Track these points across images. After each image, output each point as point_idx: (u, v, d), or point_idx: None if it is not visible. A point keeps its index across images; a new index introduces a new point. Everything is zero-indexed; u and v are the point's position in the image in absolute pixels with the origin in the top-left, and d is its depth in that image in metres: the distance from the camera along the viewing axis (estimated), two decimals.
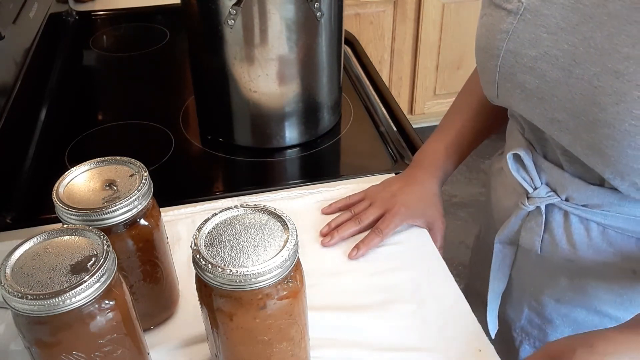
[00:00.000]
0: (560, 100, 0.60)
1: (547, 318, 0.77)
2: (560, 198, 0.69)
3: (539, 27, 0.60)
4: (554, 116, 0.62)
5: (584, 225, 0.69)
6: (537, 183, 0.71)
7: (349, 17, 2.32)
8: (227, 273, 0.50)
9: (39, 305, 0.47)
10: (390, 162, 0.96)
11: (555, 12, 0.59)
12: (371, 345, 0.66)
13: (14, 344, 0.66)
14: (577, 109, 0.58)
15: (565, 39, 0.58)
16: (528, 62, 0.62)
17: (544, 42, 0.60)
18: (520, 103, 0.65)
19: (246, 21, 0.86)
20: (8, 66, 1.00)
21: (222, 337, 0.55)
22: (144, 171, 0.62)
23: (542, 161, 0.70)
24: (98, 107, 1.16)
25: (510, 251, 0.78)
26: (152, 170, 0.63)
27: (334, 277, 0.74)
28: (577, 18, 0.57)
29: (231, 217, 0.56)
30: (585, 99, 0.57)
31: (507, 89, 0.66)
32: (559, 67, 0.59)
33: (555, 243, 0.71)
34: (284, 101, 0.95)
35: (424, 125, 2.55)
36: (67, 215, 0.57)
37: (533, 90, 0.62)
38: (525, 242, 0.75)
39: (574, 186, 0.67)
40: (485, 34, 0.66)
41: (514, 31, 0.62)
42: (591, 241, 0.68)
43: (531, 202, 0.71)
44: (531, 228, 0.73)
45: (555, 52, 0.59)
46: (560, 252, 0.71)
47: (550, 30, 0.59)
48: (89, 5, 1.48)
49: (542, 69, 0.60)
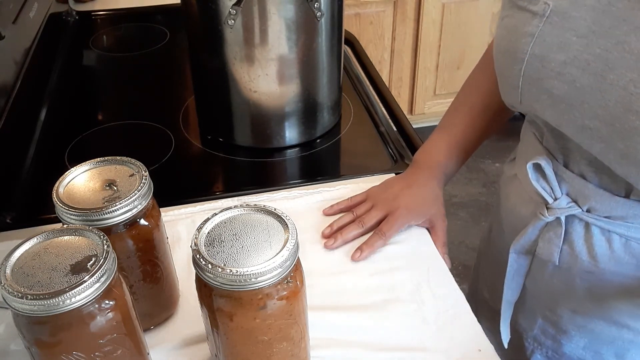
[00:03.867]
0: (592, 107, 0.57)
1: (562, 329, 0.75)
2: (581, 209, 0.67)
3: (567, 30, 0.57)
4: (584, 123, 0.59)
5: (605, 237, 0.67)
6: (558, 193, 0.69)
7: (349, 17, 2.32)
8: (227, 273, 0.50)
9: (39, 305, 0.47)
10: (390, 162, 0.96)
11: (585, 15, 0.56)
12: (371, 345, 0.66)
13: (14, 344, 0.66)
14: (611, 116, 0.56)
15: (597, 42, 0.55)
16: (556, 66, 0.59)
17: (574, 46, 0.57)
18: (547, 109, 0.63)
19: (246, 21, 0.86)
20: (8, 66, 1.00)
21: (222, 337, 0.55)
22: (144, 171, 0.62)
23: (564, 171, 0.68)
24: (98, 107, 1.16)
25: (525, 261, 0.76)
26: (152, 170, 0.63)
27: (334, 277, 0.74)
28: (610, 21, 0.54)
29: (231, 217, 0.56)
30: (621, 106, 0.55)
31: (532, 94, 0.63)
32: (590, 73, 0.56)
33: (574, 255, 0.69)
34: (284, 101, 0.95)
35: (424, 125, 2.55)
36: (67, 215, 0.57)
37: (561, 96, 0.60)
38: (543, 252, 0.73)
39: (598, 197, 0.65)
40: (508, 37, 0.64)
41: (539, 34, 0.60)
42: (613, 253, 0.66)
43: (551, 212, 0.69)
44: (550, 239, 0.71)
45: (586, 57, 0.56)
46: (580, 264, 0.69)
47: (580, 34, 0.57)
48: (89, 5, 1.48)
49: (572, 74, 0.58)
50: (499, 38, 0.66)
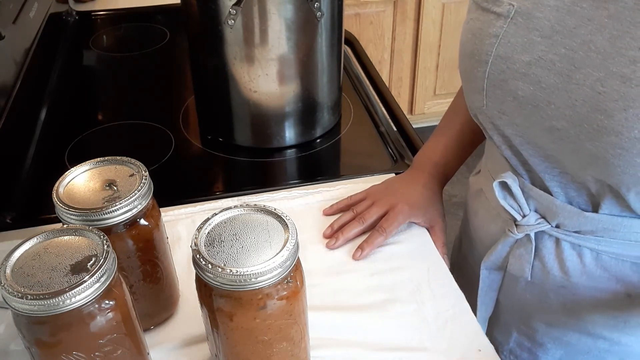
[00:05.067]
0: (559, 107, 0.57)
1: (537, 342, 0.75)
2: (550, 225, 0.67)
3: (531, 30, 0.57)
4: (551, 124, 0.58)
5: (576, 252, 0.67)
6: (526, 210, 0.68)
7: (349, 17, 2.32)
8: (227, 273, 0.50)
9: (39, 305, 0.47)
10: (390, 162, 0.96)
11: (549, 15, 0.56)
12: (371, 345, 0.66)
13: (14, 344, 0.66)
14: (579, 116, 0.55)
15: (561, 42, 0.55)
16: (520, 67, 0.59)
17: (538, 47, 0.57)
18: (513, 112, 0.62)
19: (246, 21, 0.86)
20: (8, 66, 1.00)
21: (222, 337, 0.55)
22: (144, 171, 0.62)
23: (530, 187, 0.67)
24: (98, 107, 1.16)
25: (497, 276, 0.76)
26: (152, 170, 0.63)
27: (334, 277, 0.74)
28: (574, 21, 0.54)
29: (231, 217, 0.56)
30: (588, 106, 0.54)
31: (496, 96, 0.62)
32: (556, 73, 0.56)
33: (546, 270, 0.69)
34: (284, 101, 0.95)
35: (424, 125, 2.55)
36: (67, 215, 0.57)
37: (527, 98, 0.59)
38: (514, 269, 0.72)
39: (566, 213, 0.64)
40: (472, 40, 0.63)
41: (504, 35, 0.59)
42: (585, 267, 0.66)
43: (520, 230, 0.69)
44: (520, 255, 0.71)
45: (551, 57, 0.56)
46: (552, 279, 0.69)
47: (544, 34, 0.56)
48: (89, 5, 1.48)
49: (537, 75, 0.58)
50: (463, 41, 0.66)
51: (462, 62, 0.67)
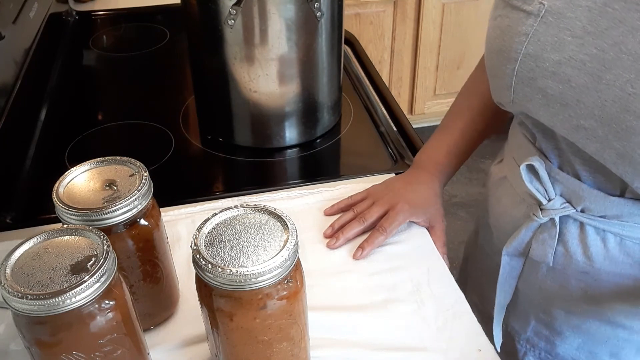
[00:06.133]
0: (588, 106, 0.57)
1: (556, 329, 0.75)
2: (575, 209, 0.67)
3: (562, 30, 0.57)
4: (579, 123, 0.59)
5: (600, 237, 0.67)
6: (552, 194, 0.69)
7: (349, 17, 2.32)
8: (227, 273, 0.50)
9: (39, 305, 0.47)
10: (390, 162, 0.96)
11: (580, 15, 0.56)
12: (371, 345, 0.66)
13: (14, 344, 0.66)
14: (608, 116, 0.56)
15: (592, 43, 0.55)
16: (550, 66, 0.59)
17: (569, 46, 0.57)
18: (540, 109, 0.62)
19: (246, 21, 0.86)
20: (8, 66, 1.00)
21: (222, 337, 0.55)
22: (144, 171, 0.62)
23: (557, 172, 0.68)
24: (98, 107, 1.16)
25: (517, 263, 0.76)
26: (152, 170, 0.63)
27: (334, 277, 0.74)
28: (606, 22, 0.54)
29: (231, 217, 0.56)
30: (617, 106, 0.55)
31: (525, 94, 0.63)
32: (586, 72, 0.56)
33: (569, 255, 0.69)
34: (284, 101, 0.95)
35: (424, 125, 2.55)
36: (67, 215, 0.57)
37: (556, 96, 0.60)
38: (537, 254, 0.72)
39: (592, 197, 0.65)
40: (501, 36, 0.63)
41: (534, 34, 0.59)
42: (608, 252, 0.67)
43: (545, 213, 0.69)
44: (543, 240, 0.71)
45: (581, 57, 0.56)
46: (575, 264, 0.69)
47: (575, 34, 0.57)
48: (89, 5, 1.48)
49: (567, 74, 0.58)
50: (491, 38, 0.66)
51: (489, 58, 0.67)
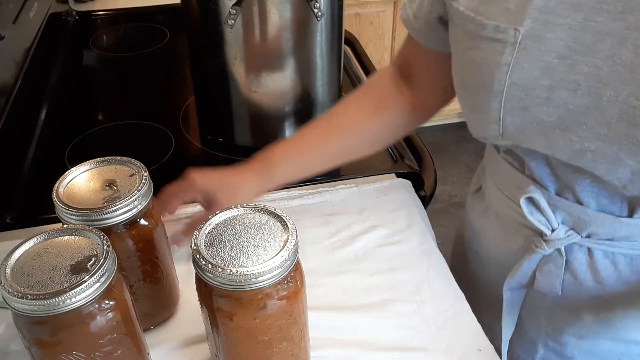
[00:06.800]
0: (591, 127, 0.54)
1: (566, 356, 0.72)
2: (580, 235, 0.64)
3: (546, 53, 0.54)
4: (584, 146, 0.55)
5: (610, 260, 0.64)
6: (555, 224, 0.65)
7: (349, 17, 2.32)
8: (227, 273, 0.50)
9: (39, 305, 0.47)
10: (390, 162, 0.95)
11: (561, 35, 0.52)
12: (371, 345, 0.66)
13: (14, 344, 0.66)
14: (616, 134, 0.52)
15: (582, 61, 0.52)
16: (542, 92, 0.55)
17: (557, 68, 0.54)
18: (536, 138, 0.59)
19: (246, 21, 0.86)
20: (8, 66, 1.00)
21: (222, 337, 0.55)
22: (144, 171, 0.62)
23: (557, 199, 0.64)
24: (98, 107, 1.16)
25: (520, 294, 0.73)
26: (152, 170, 0.63)
27: (334, 277, 0.74)
28: (592, 37, 0.51)
29: (231, 217, 0.56)
30: (625, 122, 0.51)
31: (516, 125, 0.59)
32: (583, 93, 0.53)
33: (578, 282, 0.67)
34: (284, 101, 0.95)
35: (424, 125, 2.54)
36: (67, 215, 0.57)
37: (553, 122, 0.56)
38: (542, 286, 0.69)
39: (599, 221, 0.62)
40: (478, 70, 0.58)
41: (516, 62, 0.55)
42: (619, 275, 0.64)
43: (550, 245, 0.66)
44: (549, 271, 0.68)
45: (574, 77, 0.53)
46: (586, 291, 0.67)
47: (561, 55, 0.53)
48: (89, 5, 1.48)
49: (562, 98, 0.54)
50: (465, 73, 0.61)
51: (467, 94, 0.63)
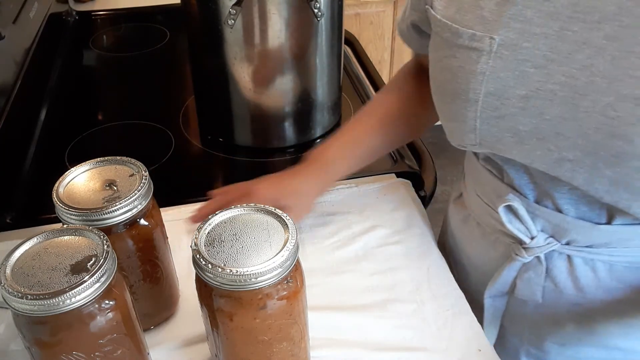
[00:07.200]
0: (569, 137, 0.53)
1: None
2: (560, 243, 0.64)
3: (521, 62, 0.53)
4: (561, 156, 0.55)
5: (589, 267, 0.64)
6: (534, 232, 0.65)
7: (349, 17, 2.32)
8: (227, 273, 0.50)
9: (39, 305, 0.47)
10: (390, 162, 0.95)
11: (538, 44, 0.52)
12: (371, 345, 0.66)
13: (14, 344, 0.66)
14: (593, 144, 0.52)
15: (559, 70, 0.52)
16: (517, 102, 0.55)
17: (533, 78, 0.53)
18: (513, 147, 0.58)
19: (246, 21, 0.86)
20: (8, 66, 1.00)
21: (222, 337, 0.55)
22: (144, 171, 0.62)
23: (536, 207, 0.64)
24: (98, 107, 1.16)
25: (501, 302, 0.73)
26: (152, 170, 0.63)
27: (334, 277, 0.74)
28: (568, 46, 0.51)
29: (231, 217, 0.56)
30: (603, 133, 0.51)
31: (492, 134, 0.58)
32: (559, 103, 0.53)
33: (559, 290, 0.67)
34: (284, 101, 0.95)
35: None
36: (67, 215, 0.57)
37: (530, 132, 0.56)
38: (523, 293, 0.69)
39: (578, 228, 0.62)
40: (453, 79, 0.58)
41: (491, 71, 0.55)
42: (599, 281, 0.64)
43: (529, 252, 0.66)
44: (529, 279, 0.68)
45: (550, 87, 0.53)
46: (566, 298, 0.67)
47: (537, 64, 0.53)
48: (89, 5, 1.48)
49: (538, 107, 0.54)
50: (442, 81, 0.61)
51: (443, 103, 0.63)
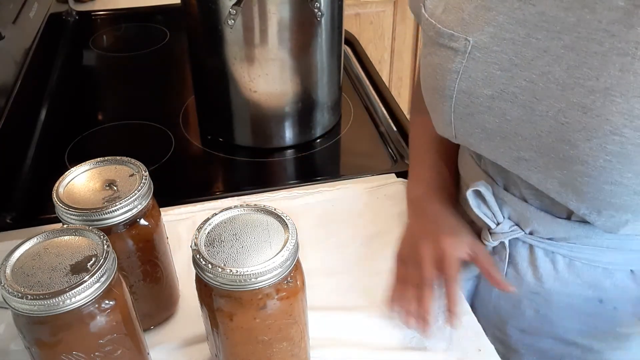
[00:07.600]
0: (526, 138, 0.57)
1: (511, 348, 0.75)
2: (524, 232, 0.67)
3: (490, 64, 0.57)
4: (519, 155, 0.59)
5: (549, 258, 0.67)
6: (500, 218, 0.68)
7: (349, 17, 2.32)
8: (227, 273, 0.50)
9: (39, 305, 0.47)
10: (390, 162, 0.96)
11: (506, 48, 0.55)
12: (371, 345, 0.66)
13: (14, 344, 0.66)
14: (545, 146, 0.55)
15: (521, 75, 0.55)
16: (484, 101, 0.58)
17: (499, 80, 0.56)
18: (482, 143, 0.62)
19: (246, 21, 0.86)
20: (8, 66, 1.00)
21: (222, 337, 0.55)
22: (144, 171, 0.62)
23: (505, 194, 0.67)
24: (98, 107, 1.16)
25: (471, 284, 0.76)
26: (152, 170, 0.63)
27: (334, 277, 0.74)
28: (532, 53, 0.54)
29: (231, 217, 0.56)
30: (553, 136, 0.54)
31: (465, 129, 0.62)
32: (519, 105, 0.56)
33: (520, 277, 0.69)
34: (284, 101, 0.95)
35: None
36: (67, 215, 0.57)
37: (494, 130, 0.59)
38: None
39: (540, 220, 0.65)
40: (433, 75, 0.62)
41: (464, 70, 0.58)
42: (558, 274, 0.67)
43: (494, 237, 0.68)
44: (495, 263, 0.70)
45: (512, 90, 0.56)
46: (526, 286, 0.69)
47: (503, 67, 0.56)
48: (89, 5, 1.48)
49: (501, 108, 0.57)
50: (425, 76, 0.65)
51: (426, 95, 0.66)
